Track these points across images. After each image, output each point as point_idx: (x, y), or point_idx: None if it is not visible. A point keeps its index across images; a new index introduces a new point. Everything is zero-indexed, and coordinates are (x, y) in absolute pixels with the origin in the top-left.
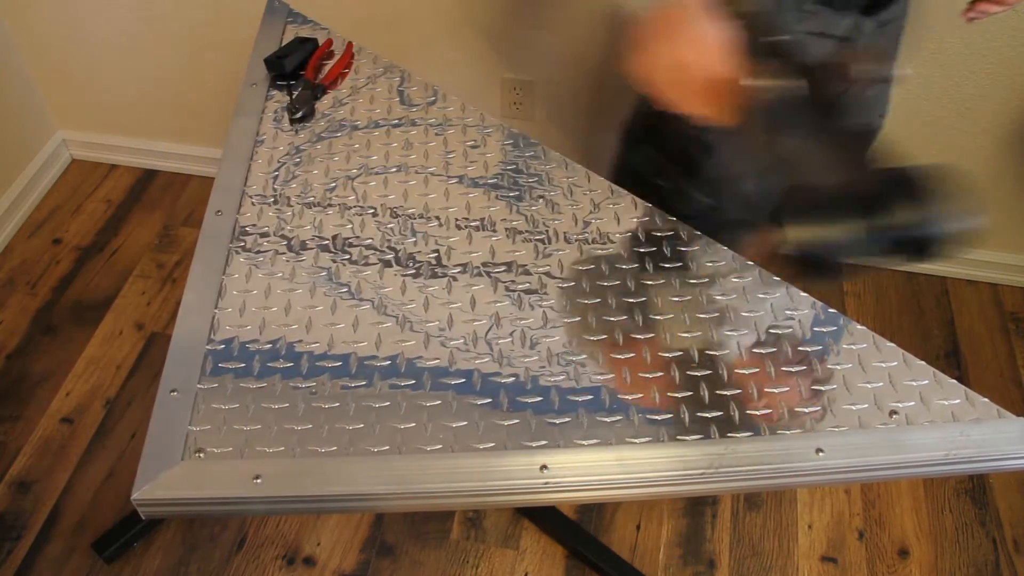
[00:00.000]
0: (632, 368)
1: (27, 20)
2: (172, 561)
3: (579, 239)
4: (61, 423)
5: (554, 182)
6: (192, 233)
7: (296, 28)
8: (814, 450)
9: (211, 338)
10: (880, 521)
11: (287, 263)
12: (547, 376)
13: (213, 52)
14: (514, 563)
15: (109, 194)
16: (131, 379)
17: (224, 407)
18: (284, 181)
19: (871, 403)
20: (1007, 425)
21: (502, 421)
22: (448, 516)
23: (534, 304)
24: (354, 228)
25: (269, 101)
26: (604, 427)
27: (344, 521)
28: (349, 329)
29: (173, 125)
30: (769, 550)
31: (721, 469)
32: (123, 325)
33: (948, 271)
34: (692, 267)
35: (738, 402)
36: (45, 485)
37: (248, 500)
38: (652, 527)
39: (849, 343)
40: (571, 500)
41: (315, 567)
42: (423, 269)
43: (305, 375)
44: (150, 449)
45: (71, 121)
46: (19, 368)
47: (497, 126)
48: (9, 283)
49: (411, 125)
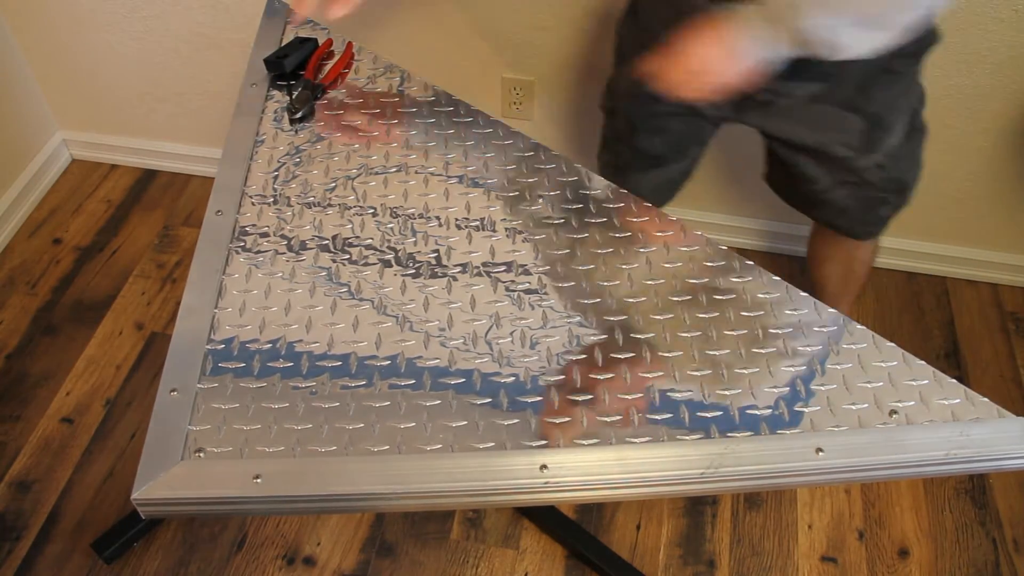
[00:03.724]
0: (631, 368)
1: (27, 20)
2: (172, 561)
3: (579, 239)
4: (61, 423)
5: (554, 182)
6: (192, 233)
7: (296, 28)
8: (814, 450)
9: (211, 338)
10: (880, 521)
11: (287, 263)
12: (547, 376)
13: (213, 52)
14: (514, 563)
15: (109, 194)
16: (131, 379)
17: (224, 407)
18: (284, 181)
19: (871, 403)
20: (1007, 425)
21: (502, 421)
22: (448, 516)
23: (534, 304)
24: (354, 228)
25: (269, 101)
26: (604, 427)
27: (344, 521)
28: (349, 329)
29: (173, 125)
30: (769, 550)
31: (721, 469)
32: (123, 325)
33: (948, 271)
34: (692, 268)
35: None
36: (45, 485)
37: (248, 500)
38: (652, 527)
39: (849, 343)
40: (571, 500)
41: (315, 567)
42: (423, 269)
43: (305, 375)
44: (150, 449)
45: (71, 121)
46: (19, 368)
47: (497, 126)
48: (9, 283)
49: (411, 125)
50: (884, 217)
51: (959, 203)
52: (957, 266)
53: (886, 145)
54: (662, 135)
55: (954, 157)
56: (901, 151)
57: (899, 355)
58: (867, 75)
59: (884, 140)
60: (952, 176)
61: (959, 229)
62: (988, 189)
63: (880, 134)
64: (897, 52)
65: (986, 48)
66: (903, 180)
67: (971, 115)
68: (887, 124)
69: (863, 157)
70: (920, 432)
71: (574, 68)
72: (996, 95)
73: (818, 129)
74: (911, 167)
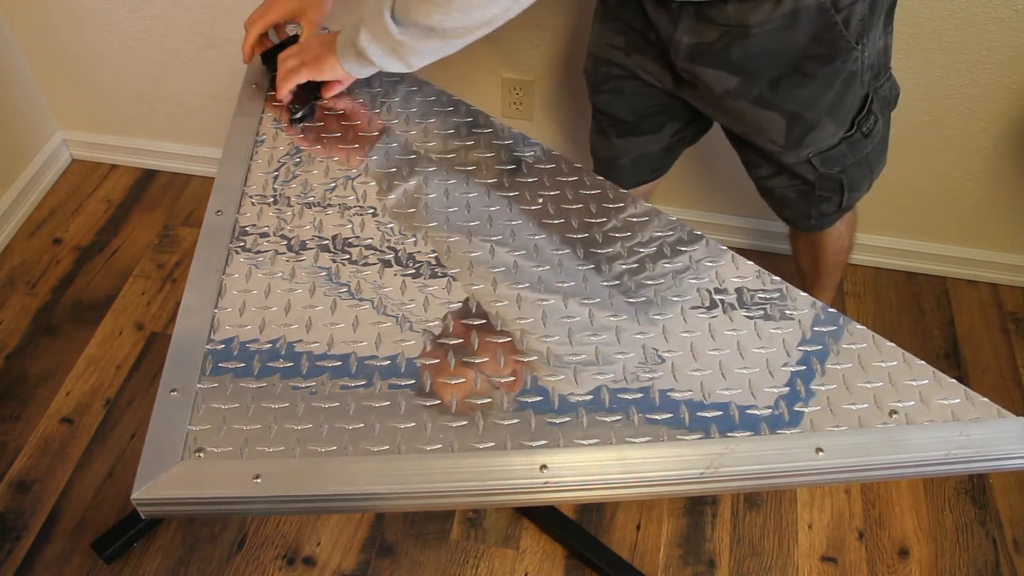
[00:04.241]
0: (629, 367)
1: (27, 20)
2: (172, 561)
3: (578, 239)
4: (61, 423)
5: (554, 182)
6: (192, 233)
7: (296, 28)
8: (814, 450)
9: (211, 338)
10: (880, 521)
11: (287, 263)
12: (547, 376)
13: (213, 52)
14: (514, 563)
15: (109, 194)
16: (131, 379)
17: (224, 407)
18: (284, 181)
19: (871, 403)
20: (1007, 425)
21: (502, 421)
22: (448, 516)
23: (534, 304)
24: (354, 228)
25: (269, 101)
26: (604, 427)
27: (344, 521)
28: (349, 329)
29: (173, 125)
30: (769, 550)
31: (721, 469)
32: (123, 325)
33: (948, 271)
34: (691, 265)
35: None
36: (45, 485)
37: (248, 500)
38: (652, 527)
39: (849, 343)
40: (571, 500)
41: (315, 567)
42: (423, 269)
43: (305, 375)
44: (150, 449)
45: (71, 121)
46: (19, 368)
47: (497, 126)
48: (9, 283)
49: (411, 125)
50: (827, 213)
51: (959, 203)
52: (957, 266)
53: (814, 144)
54: (620, 97)
55: (954, 157)
56: (838, 153)
57: (899, 355)
58: (778, 74)
59: (810, 138)
60: (952, 176)
61: (959, 229)
62: (988, 189)
63: (803, 132)
64: (805, 54)
65: (986, 48)
66: (844, 181)
67: (971, 115)
68: (809, 123)
69: (789, 153)
70: (920, 432)
71: (574, 68)
72: (996, 95)
73: (742, 122)
74: (856, 169)
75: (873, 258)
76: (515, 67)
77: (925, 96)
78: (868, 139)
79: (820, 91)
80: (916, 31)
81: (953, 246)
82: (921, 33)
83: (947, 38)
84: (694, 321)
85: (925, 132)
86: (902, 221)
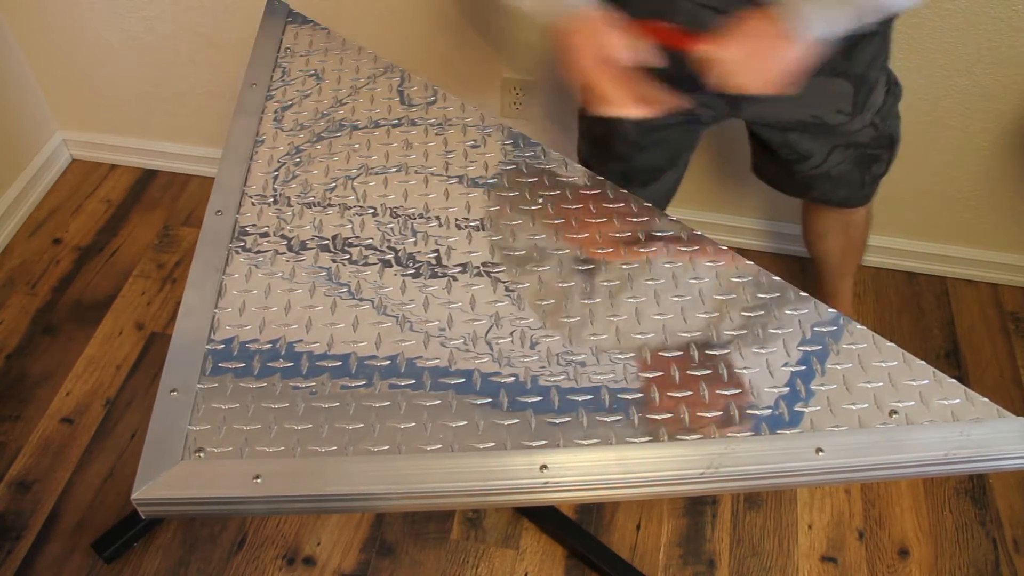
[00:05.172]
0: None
1: (27, 20)
2: (172, 561)
3: (579, 239)
4: (61, 423)
5: (554, 182)
6: (192, 233)
7: (296, 28)
8: (814, 450)
9: (211, 338)
10: (880, 521)
11: (287, 263)
12: (547, 376)
13: (213, 52)
14: (514, 563)
15: (109, 194)
16: (131, 379)
17: (224, 407)
18: (284, 181)
19: (871, 403)
20: (1007, 425)
21: (502, 421)
22: (448, 516)
23: (535, 304)
24: (354, 228)
25: (269, 101)
26: (604, 427)
27: (344, 521)
28: (349, 329)
29: (173, 125)
30: (769, 550)
31: (721, 469)
32: (123, 325)
33: (948, 271)
34: (692, 268)
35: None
36: (45, 485)
37: (248, 500)
38: (652, 527)
39: (849, 343)
40: (571, 500)
41: (315, 567)
42: (423, 269)
43: (305, 375)
44: (150, 449)
45: (71, 121)
46: (19, 368)
47: (497, 126)
48: (9, 283)
49: (411, 125)
50: (877, 176)
51: (959, 203)
52: (957, 266)
53: (874, 104)
54: (663, 147)
55: (954, 157)
56: (886, 107)
57: (899, 355)
58: (851, 39)
59: (871, 99)
60: (952, 176)
61: (959, 229)
62: (988, 189)
63: (867, 94)
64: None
65: (986, 48)
66: (892, 135)
67: (971, 115)
68: (871, 83)
69: (855, 119)
70: (920, 432)
71: None
72: (996, 95)
73: (811, 103)
74: (895, 119)
75: (873, 258)
76: (515, 67)
77: (925, 96)
78: (899, 87)
79: (881, 45)
80: (916, 31)
81: (953, 246)
82: (921, 33)
83: (947, 38)
84: (694, 321)
85: (925, 132)
86: (902, 221)
